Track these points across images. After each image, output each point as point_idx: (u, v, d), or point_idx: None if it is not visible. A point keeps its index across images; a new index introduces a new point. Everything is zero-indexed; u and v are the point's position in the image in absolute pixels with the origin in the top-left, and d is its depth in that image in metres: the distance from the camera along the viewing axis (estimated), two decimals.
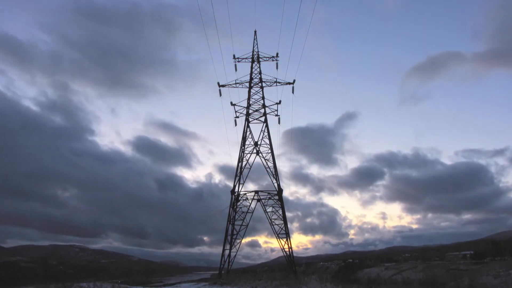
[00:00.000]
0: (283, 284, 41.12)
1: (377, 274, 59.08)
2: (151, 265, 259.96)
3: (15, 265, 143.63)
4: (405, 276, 50.33)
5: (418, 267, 57.02)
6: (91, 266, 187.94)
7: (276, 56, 65.16)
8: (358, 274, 65.71)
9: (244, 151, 60.28)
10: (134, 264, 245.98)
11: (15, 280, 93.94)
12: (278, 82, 63.64)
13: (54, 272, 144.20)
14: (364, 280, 47.62)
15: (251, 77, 64.15)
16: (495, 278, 37.19)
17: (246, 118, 61.87)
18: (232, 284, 44.15)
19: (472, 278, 38.20)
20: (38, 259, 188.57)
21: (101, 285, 36.53)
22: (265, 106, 62.80)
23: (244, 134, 61.22)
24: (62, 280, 52.37)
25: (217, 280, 52.36)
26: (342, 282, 45.28)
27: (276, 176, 58.82)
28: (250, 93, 63.33)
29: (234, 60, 64.86)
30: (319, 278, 51.01)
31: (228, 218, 57.14)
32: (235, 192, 57.86)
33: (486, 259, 60.19)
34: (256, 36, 65.96)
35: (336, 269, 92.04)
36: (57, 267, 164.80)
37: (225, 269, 55.70)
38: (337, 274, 74.69)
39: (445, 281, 39.80)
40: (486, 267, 43.36)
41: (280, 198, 58.24)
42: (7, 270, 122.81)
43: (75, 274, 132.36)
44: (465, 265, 50.06)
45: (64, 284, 35.10)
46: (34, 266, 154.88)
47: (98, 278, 71.40)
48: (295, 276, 53.01)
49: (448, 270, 46.68)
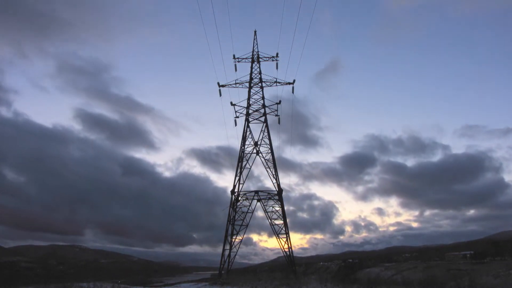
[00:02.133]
0: (283, 284, 41.12)
1: (377, 274, 59.03)
2: (151, 265, 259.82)
3: (15, 265, 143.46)
4: (405, 276, 50.30)
5: (418, 267, 57.03)
6: (91, 266, 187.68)
7: (276, 56, 65.24)
8: (358, 274, 65.63)
9: (244, 151, 60.33)
10: (134, 264, 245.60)
11: (15, 280, 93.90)
12: (278, 82, 63.72)
13: (54, 272, 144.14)
14: (364, 280, 47.53)
15: (251, 77, 64.19)
16: (495, 278, 37.20)
17: (246, 118, 61.88)
18: (232, 284, 44.14)
19: (472, 278, 38.19)
20: (38, 259, 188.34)
21: (101, 285, 36.55)
22: (265, 106, 62.84)
23: (244, 134, 61.24)
24: (62, 280, 52.51)
25: (217, 280, 52.37)
26: (342, 282, 45.24)
27: (276, 176, 58.84)
28: (250, 93, 63.39)
29: (234, 60, 64.90)
30: (319, 278, 51.04)
31: (228, 218, 57.13)
32: (235, 192, 57.85)
33: (486, 259, 60.25)
34: (256, 36, 66.10)
35: (336, 269, 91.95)
36: (57, 267, 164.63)
37: (225, 269, 55.69)
38: (337, 274, 74.63)
39: (445, 281, 39.78)
40: (486, 267, 43.41)
41: (280, 198, 58.25)
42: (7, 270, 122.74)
43: (75, 274, 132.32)
44: (465, 265, 50.11)
45: (64, 284, 35.17)
46: (34, 266, 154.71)
47: (98, 278, 71.38)
48: (295, 276, 53.04)
49: (448, 270, 46.68)
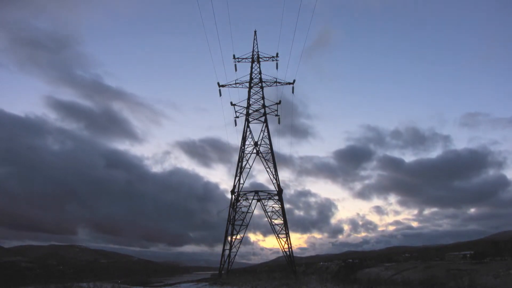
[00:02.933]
0: (283, 284, 41.09)
1: (377, 274, 59.02)
2: (151, 265, 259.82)
3: (15, 265, 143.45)
4: (405, 276, 50.27)
5: (418, 267, 57.01)
6: (91, 266, 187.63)
7: (276, 56, 65.21)
8: (358, 274, 65.62)
9: (244, 151, 60.33)
10: (134, 264, 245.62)
11: (15, 280, 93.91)
12: (278, 82, 63.71)
13: (54, 272, 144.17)
14: (364, 280, 47.51)
15: (251, 77, 64.17)
16: (495, 278, 37.17)
17: (246, 118, 61.87)
18: (232, 284, 44.11)
19: (472, 278, 38.18)
20: (38, 259, 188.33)
21: (101, 285, 36.51)
22: (265, 106, 62.83)
23: (244, 134, 61.24)
24: (62, 280, 52.52)
25: (217, 280, 52.33)
26: (342, 282, 45.24)
27: (276, 176, 58.84)
28: (250, 93, 63.37)
29: (234, 60, 64.88)
30: (319, 278, 51.06)
31: (228, 218, 57.13)
32: (235, 192, 57.85)
33: (486, 259, 60.22)
34: (256, 36, 66.07)
35: (336, 269, 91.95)
36: (57, 267, 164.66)
37: (225, 269, 55.69)
38: (337, 274, 74.65)
39: (445, 281, 39.78)
40: (486, 267, 43.39)
41: (280, 198, 58.26)
42: (7, 270, 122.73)
43: (75, 274, 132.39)
44: (465, 265, 50.09)
45: (64, 284, 35.15)
46: (34, 266, 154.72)
47: (98, 278, 71.41)
48: (295, 276, 53.04)
49: (448, 270, 46.63)
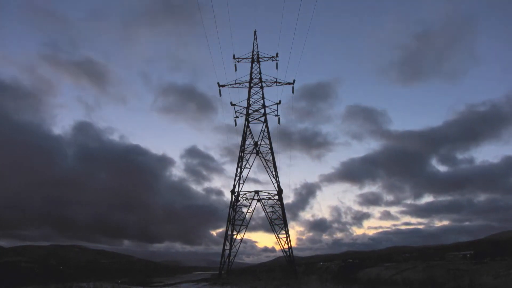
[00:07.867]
0: (283, 284, 41.13)
1: (377, 274, 58.96)
2: (151, 265, 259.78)
3: (15, 265, 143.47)
4: (405, 276, 50.22)
5: (418, 267, 56.91)
6: (91, 266, 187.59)
7: (276, 56, 65.27)
8: (358, 274, 65.59)
9: (244, 151, 60.35)
10: (134, 264, 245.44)
11: (15, 280, 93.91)
12: (278, 82, 63.76)
13: (54, 272, 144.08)
14: (364, 280, 47.54)
15: (251, 77, 64.23)
16: (495, 278, 37.14)
17: (246, 118, 61.90)
18: (232, 284, 44.14)
19: (472, 278, 38.16)
20: (38, 259, 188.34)
21: (101, 285, 36.55)
22: (265, 106, 62.87)
23: (244, 134, 61.25)
24: (62, 280, 52.48)
25: (218, 280, 52.37)
26: (342, 282, 45.27)
27: (276, 176, 58.86)
28: (250, 93, 63.42)
29: (234, 60, 64.95)
30: (319, 278, 51.07)
31: (228, 218, 57.15)
32: (235, 192, 57.86)
33: (486, 259, 60.19)
34: (256, 36, 66.15)
35: (336, 269, 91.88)
36: (57, 267, 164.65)
37: (225, 269, 55.72)
38: (337, 274, 74.59)
39: (445, 281, 39.77)
40: (486, 267, 43.34)
41: (280, 198, 58.28)
42: (7, 270, 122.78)
43: (75, 274, 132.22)
44: (465, 265, 50.05)
45: (64, 284, 35.16)
46: (34, 266, 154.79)
47: (98, 278, 71.37)
48: (295, 276, 53.07)
49: (448, 270, 46.58)
